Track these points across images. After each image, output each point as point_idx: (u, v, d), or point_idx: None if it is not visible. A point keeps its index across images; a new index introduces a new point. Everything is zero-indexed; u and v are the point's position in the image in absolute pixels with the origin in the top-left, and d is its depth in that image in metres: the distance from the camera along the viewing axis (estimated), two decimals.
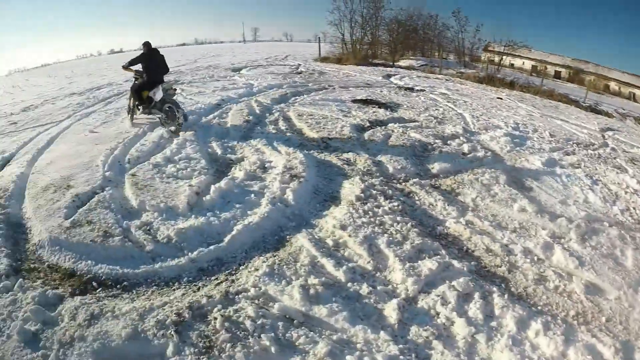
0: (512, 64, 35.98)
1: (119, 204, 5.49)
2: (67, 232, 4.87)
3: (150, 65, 9.03)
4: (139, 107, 9.24)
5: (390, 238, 4.64)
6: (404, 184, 6.08)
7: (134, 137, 8.35)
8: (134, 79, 9.63)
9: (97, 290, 4.04)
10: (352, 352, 3.23)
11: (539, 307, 3.85)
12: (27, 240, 5.08)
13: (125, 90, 15.47)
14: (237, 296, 3.84)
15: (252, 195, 5.59)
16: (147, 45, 9.10)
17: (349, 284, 3.97)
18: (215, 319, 3.55)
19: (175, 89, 9.06)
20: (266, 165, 6.56)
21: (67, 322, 3.60)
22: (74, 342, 3.39)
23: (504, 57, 28.58)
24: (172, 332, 3.40)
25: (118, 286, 4.09)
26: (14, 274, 4.40)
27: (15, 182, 6.56)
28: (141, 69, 9.17)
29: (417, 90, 14.22)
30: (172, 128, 8.41)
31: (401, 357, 3.21)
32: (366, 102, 11.44)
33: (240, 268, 4.32)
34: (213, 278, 4.18)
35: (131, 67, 9.22)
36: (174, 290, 4.01)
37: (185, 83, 15.16)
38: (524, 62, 39.37)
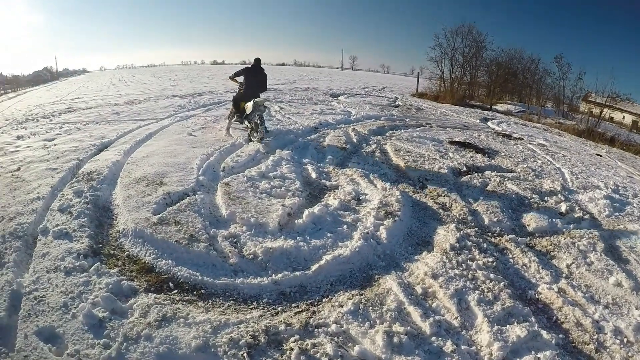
0: (612, 117, 33.35)
1: (209, 211, 5.52)
2: (153, 227, 4.94)
3: (251, 79, 9.78)
4: (235, 115, 10.17)
5: (482, 295, 4.28)
6: (498, 238, 5.68)
7: (231, 146, 8.61)
8: (238, 90, 10.34)
9: (173, 292, 4.00)
10: None
11: None
12: (112, 226, 5.24)
13: (225, 100, 16.09)
14: (316, 329, 3.63)
15: (345, 226, 5.40)
16: (255, 60, 9.87)
17: (433, 338, 3.66)
18: (292, 349, 3.36)
19: (265, 106, 9.51)
20: (361, 198, 6.38)
21: (137, 318, 3.57)
22: (140, 340, 3.34)
23: (604, 109, 26.76)
24: (245, 354, 3.25)
25: (195, 292, 4.03)
26: (92, 256, 4.51)
27: (110, 168, 6.89)
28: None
29: (515, 137, 13.64)
30: (254, 138, 9.15)
31: None
32: (464, 145, 11.08)
33: (324, 300, 4.11)
34: (294, 305, 4.00)
35: (236, 79, 10.08)
36: (251, 309, 3.87)
37: (284, 102, 15.54)
38: (624, 117, 36.45)
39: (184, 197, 5.75)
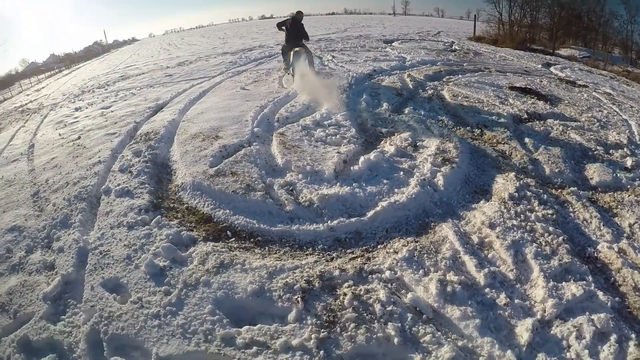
0: None
1: (265, 161, 5.59)
2: (210, 179, 5.07)
3: (290, 30, 10.30)
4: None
5: (539, 249, 4.13)
6: (559, 190, 5.45)
7: (284, 97, 8.58)
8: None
9: (231, 240, 4.13)
10: None
11: None
12: (171, 181, 5.45)
13: (276, 53, 16.09)
14: (370, 275, 3.65)
15: (401, 172, 5.31)
16: (297, 13, 10.49)
17: (487, 290, 3.59)
18: (345, 294, 3.40)
19: (302, 50, 10.13)
20: (417, 144, 6.24)
21: (196, 265, 3.72)
22: (199, 286, 3.49)
23: None
24: (299, 299, 3.33)
25: (252, 240, 4.14)
26: (152, 210, 4.72)
27: (166, 127, 7.09)
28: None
29: (580, 85, 12.92)
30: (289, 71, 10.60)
31: None
32: (525, 90, 10.57)
33: (379, 247, 4.11)
34: (349, 251, 4.03)
35: (282, 28, 10.47)
36: (306, 255, 3.94)
37: (337, 51, 15.33)
38: None
39: (239, 149, 5.84)
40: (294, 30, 10.31)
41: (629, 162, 6.42)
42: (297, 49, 10.04)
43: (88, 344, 3.13)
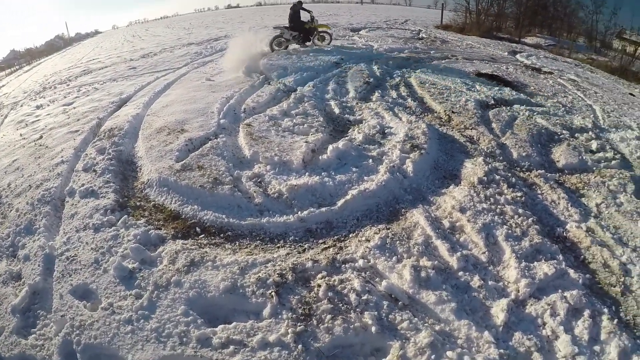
0: None
1: (232, 153, 5.51)
2: (177, 174, 4.97)
3: (291, 15, 13.40)
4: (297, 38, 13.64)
5: (510, 231, 4.20)
6: (527, 173, 5.55)
7: (251, 87, 8.50)
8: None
9: (200, 237, 4.06)
10: (453, 347, 2.96)
11: None
12: (136, 178, 5.32)
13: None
14: (343, 265, 3.65)
15: (370, 160, 5.30)
16: (295, 4, 13.46)
17: (461, 273, 3.64)
18: (319, 286, 3.39)
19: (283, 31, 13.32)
20: (386, 131, 6.25)
21: (166, 265, 3.65)
22: (170, 287, 3.43)
23: (639, 47, 25.37)
24: (273, 293, 3.29)
25: (222, 235, 4.08)
26: (119, 210, 4.59)
27: (130, 122, 6.93)
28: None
29: (545, 72, 13.16)
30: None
31: None
32: (491, 77, 10.73)
33: (350, 236, 4.11)
34: (320, 242, 4.02)
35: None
36: (278, 248, 3.91)
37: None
38: None
39: (206, 142, 5.74)
40: (291, 15, 13.25)
41: (594, 145, 6.57)
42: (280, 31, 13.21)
43: (61, 356, 3.04)
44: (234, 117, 6.78)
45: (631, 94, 12.86)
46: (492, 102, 8.21)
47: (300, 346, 2.91)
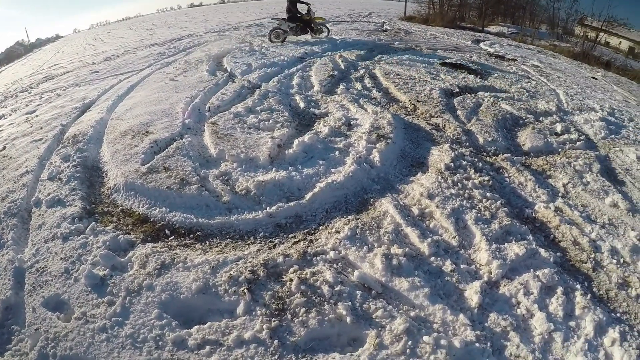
0: (608, 42, 32.47)
1: (198, 152, 5.47)
2: (143, 177, 4.90)
3: (288, 6, 14.30)
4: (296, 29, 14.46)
5: (479, 214, 4.28)
6: (494, 157, 5.66)
7: (215, 86, 8.41)
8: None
9: (170, 239, 4.02)
10: (429, 332, 2.98)
11: (618, 314, 3.40)
12: (103, 184, 5.21)
13: (206, 41, 15.87)
14: (315, 258, 3.66)
15: (337, 152, 5.34)
16: None
17: (432, 258, 3.69)
18: (291, 280, 3.39)
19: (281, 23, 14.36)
20: (351, 123, 6.30)
21: (137, 270, 3.59)
22: (142, 291, 3.38)
23: (600, 33, 26.08)
24: (245, 290, 3.27)
25: (191, 236, 4.04)
26: (86, 217, 4.49)
27: (94, 127, 6.79)
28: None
29: (508, 59, 13.42)
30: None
31: (477, 344, 2.92)
32: (455, 66, 10.87)
33: (320, 228, 4.13)
34: (291, 236, 4.03)
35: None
36: (248, 245, 3.90)
37: (267, 35, 15.12)
38: (620, 42, 35.39)
39: (171, 143, 5.68)
40: (289, 5, 14.11)
41: (558, 127, 6.72)
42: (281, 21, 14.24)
43: None
44: (199, 116, 6.72)
45: (594, 78, 13.20)
46: (457, 90, 8.33)
47: (276, 341, 2.90)
